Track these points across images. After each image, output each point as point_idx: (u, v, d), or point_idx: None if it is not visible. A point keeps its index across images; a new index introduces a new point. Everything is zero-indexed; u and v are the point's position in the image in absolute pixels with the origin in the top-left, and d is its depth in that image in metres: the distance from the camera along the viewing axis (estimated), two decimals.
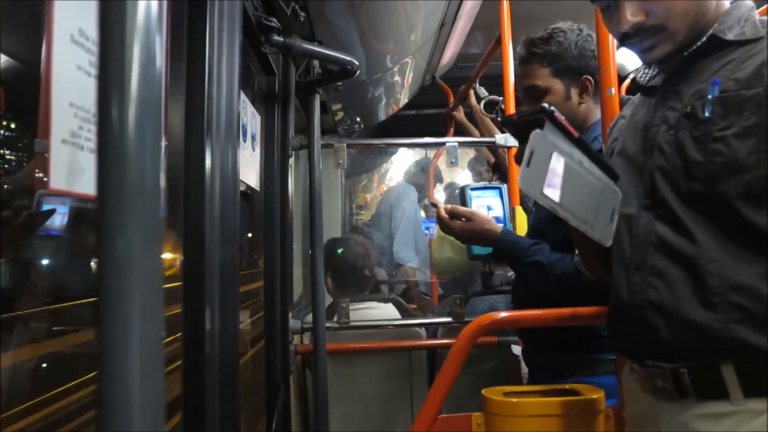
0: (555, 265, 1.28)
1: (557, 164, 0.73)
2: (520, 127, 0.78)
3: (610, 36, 1.08)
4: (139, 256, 0.34)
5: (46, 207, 0.65)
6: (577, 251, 1.09)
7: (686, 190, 0.77)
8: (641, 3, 0.80)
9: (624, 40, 0.84)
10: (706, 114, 0.75)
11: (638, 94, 0.95)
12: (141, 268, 0.34)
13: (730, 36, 0.78)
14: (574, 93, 1.37)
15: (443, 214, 1.46)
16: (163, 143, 0.83)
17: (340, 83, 1.67)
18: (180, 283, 0.88)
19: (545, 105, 0.74)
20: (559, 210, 0.73)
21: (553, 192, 0.72)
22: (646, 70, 0.93)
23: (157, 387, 0.34)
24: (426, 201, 3.75)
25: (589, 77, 1.36)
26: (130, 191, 0.33)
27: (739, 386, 0.73)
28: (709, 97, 0.75)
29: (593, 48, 1.35)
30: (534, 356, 1.48)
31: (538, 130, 0.72)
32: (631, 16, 0.80)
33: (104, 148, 0.34)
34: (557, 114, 0.74)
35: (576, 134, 0.77)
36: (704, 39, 0.80)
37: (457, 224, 1.44)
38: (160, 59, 0.35)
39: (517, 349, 1.78)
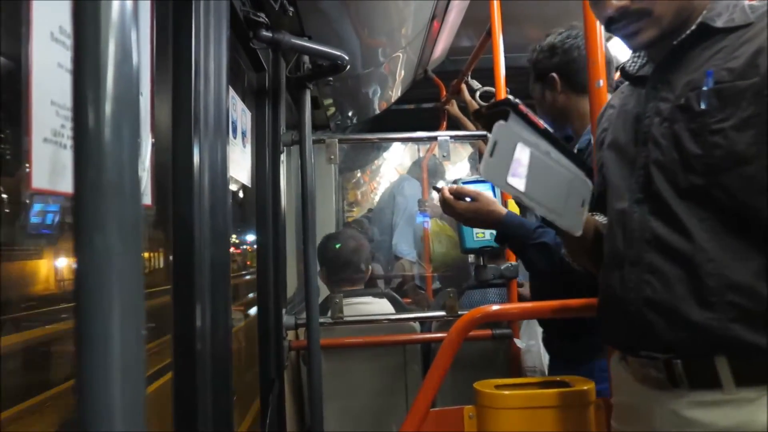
0: (560, 248, 1.29)
1: (522, 154, 0.75)
2: (490, 120, 0.79)
3: (598, 28, 1.08)
4: (118, 254, 0.33)
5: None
6: (564, 245, 1.09)
7: (684, 184, 0.76)
8: None
9: (609, 25, 0.83)
10: (702, 106, 0.74)
11: (626, 83, 0.94)
12: (120, 266, 0.33)
13: (720, 23, 0.77)
14: (547, 93, 1.46)
15: (447, 194, 1.43)
16: (151, 140, 0.83)
17: (330, 78, 1.66)
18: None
19: (509, 97, 0.76)
20: (525, 199, 0.75)
21: (518, 181, 0.74)
22: (635, 59, 0.92)
23: (139, 388, 0.34)
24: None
25: (553, 74, 1.42)
26: (108, 189, 0.33)
27: (732, 376, 0.73)
28: (704, 89, 0.74)
29: (556, 43, 1.43)
30: (554, 343, 1.50)
31: (501, 122, 0.74)
32: (616, 0, 0.79)
33: (80, 145, 0.33)
34: (521, 106, 0.76)
35: (542, 126, 0.78)
36: (693, 27, 0.79)
37: (462, 205, 1.42)
38: (136, 55, 0.35)
39: (520, 343, 1.78)
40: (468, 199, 1.43)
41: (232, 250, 1.88)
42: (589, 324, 1.30)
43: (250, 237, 1.77)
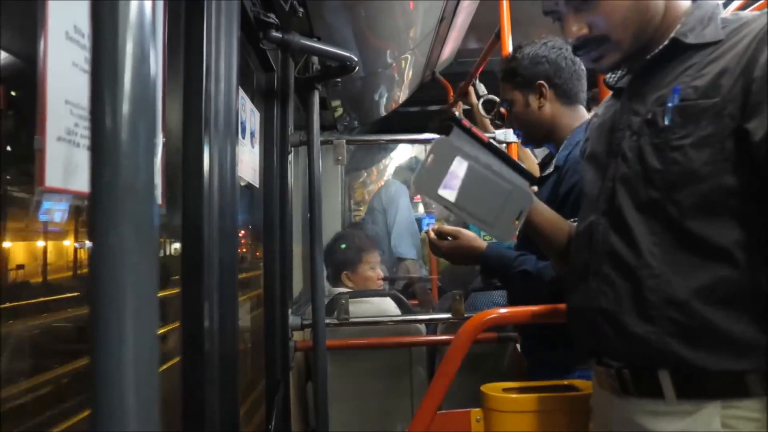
0: (543, 272, 1.29)
1: (459, 168, 0.79)
2: (438, 134, 0.84)
3: None
4: (132, 253, 0.33)
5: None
6: (547, 256, 1.11)
7: (644, 197, 0.78)
8: (583, 16, 0.82)
9: (575, 51, 0.87)
10: (666, 122, 0.76)
11: (610, 94, 0.96)
12: (134, 265, 0.33)
13: (691, 39, 0.78)
14: (532, 100, 1.43)
15: (432, 236, 1.46)
16: (161, 140, 0.83)
17: (339, 79, 1.66)
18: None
19: (454, 112, 0.78)
20: (454, 209, 0.80)
21: (449, 193, 0.79)
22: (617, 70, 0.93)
23: (152, 386, 0.34)
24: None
25: (543, 82, 1.41)
26: (123, 189, 0.33)
27: (673, 389, 0.75)
28: (669, 105, 0.76)
29: (546, 53, 1.41)
30: (534, 351, 1.49)
31: (442, 136, 0.78)
32: (575, 29, 0.82)
33: (97, 145, 0.34)
34: (464, 121, 0.81)
35: (486, 140, 0.82)
36: (666, 42, 0.80)
37: (445, 244, 1.44)
38: (153, 56, 0.35)
39: (521, 348, 1.77)
40: (450, 238, 1.43)
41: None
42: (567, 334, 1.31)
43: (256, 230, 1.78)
